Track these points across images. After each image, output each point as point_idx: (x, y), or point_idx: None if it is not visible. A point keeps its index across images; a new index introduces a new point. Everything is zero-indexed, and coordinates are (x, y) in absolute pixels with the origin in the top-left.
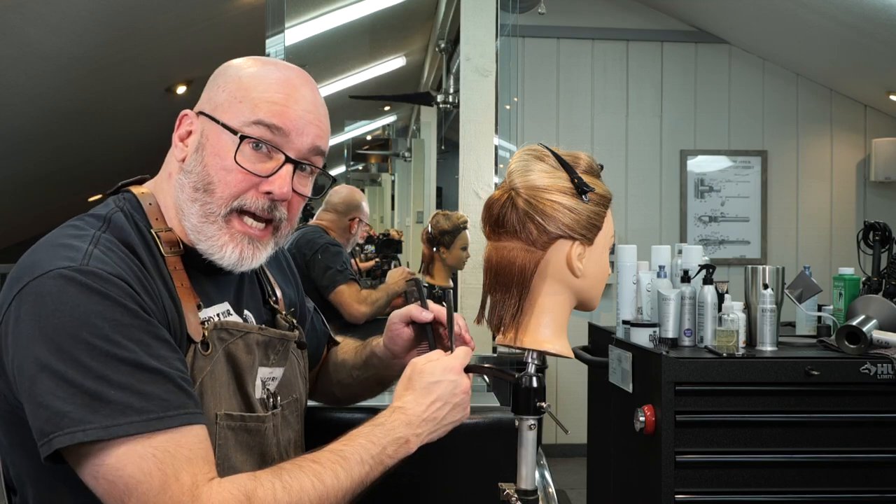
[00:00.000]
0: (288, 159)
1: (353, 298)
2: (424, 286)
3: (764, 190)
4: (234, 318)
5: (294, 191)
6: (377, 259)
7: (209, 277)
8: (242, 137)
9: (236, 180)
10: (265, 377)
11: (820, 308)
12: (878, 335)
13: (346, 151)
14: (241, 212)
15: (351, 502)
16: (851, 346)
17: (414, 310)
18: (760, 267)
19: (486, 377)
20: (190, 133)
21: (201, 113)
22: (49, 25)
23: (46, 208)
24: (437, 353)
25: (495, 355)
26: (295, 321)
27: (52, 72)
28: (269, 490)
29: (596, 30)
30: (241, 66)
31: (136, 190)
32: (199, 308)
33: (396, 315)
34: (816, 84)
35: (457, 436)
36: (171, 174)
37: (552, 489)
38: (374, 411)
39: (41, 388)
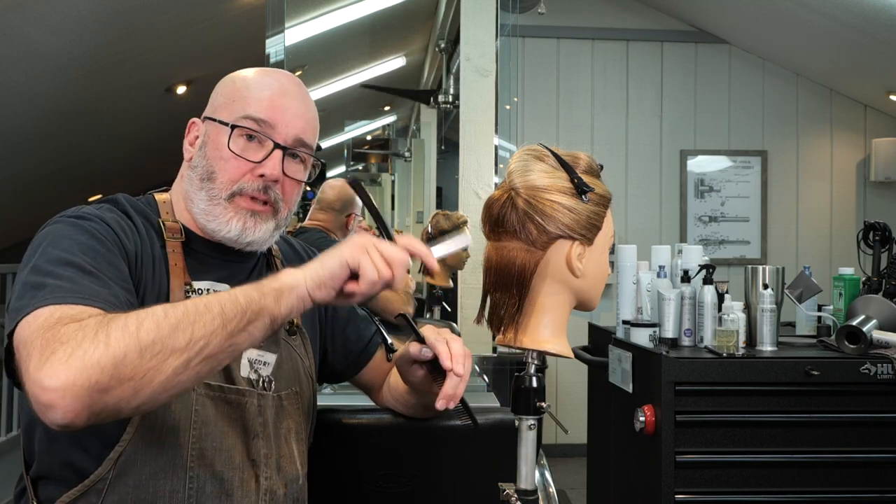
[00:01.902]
0: (277, 145)
1: (401, 301)
2: (421, 294)
3: (764, 190)
4: None
5: (287, 175)
6: None
7: (219, 263)
8: (233, 127)
9: (233, 167)
10: (253, 358)
11: (820, 308)
12: (878, 335)
13: (346, 151)
14: (241, 194)
15: None
16: (851, 346)
17: (413, 350)
18: (760, 267)
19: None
20: (197, 137)
21: (205, 118)
22: (49, 25)
23: (46, 208)
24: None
25: (495, 355)
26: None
27: (52, 72)
28: (122, 315)
29: (596, 30)
30: (240, 74)
31: (157, 195)
32: (189, 288)
33: (400, 359)
34: (816, 84)
35: (457, 436)
36: (181, 175)
37: (552, 489)
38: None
39: (15, 297)
